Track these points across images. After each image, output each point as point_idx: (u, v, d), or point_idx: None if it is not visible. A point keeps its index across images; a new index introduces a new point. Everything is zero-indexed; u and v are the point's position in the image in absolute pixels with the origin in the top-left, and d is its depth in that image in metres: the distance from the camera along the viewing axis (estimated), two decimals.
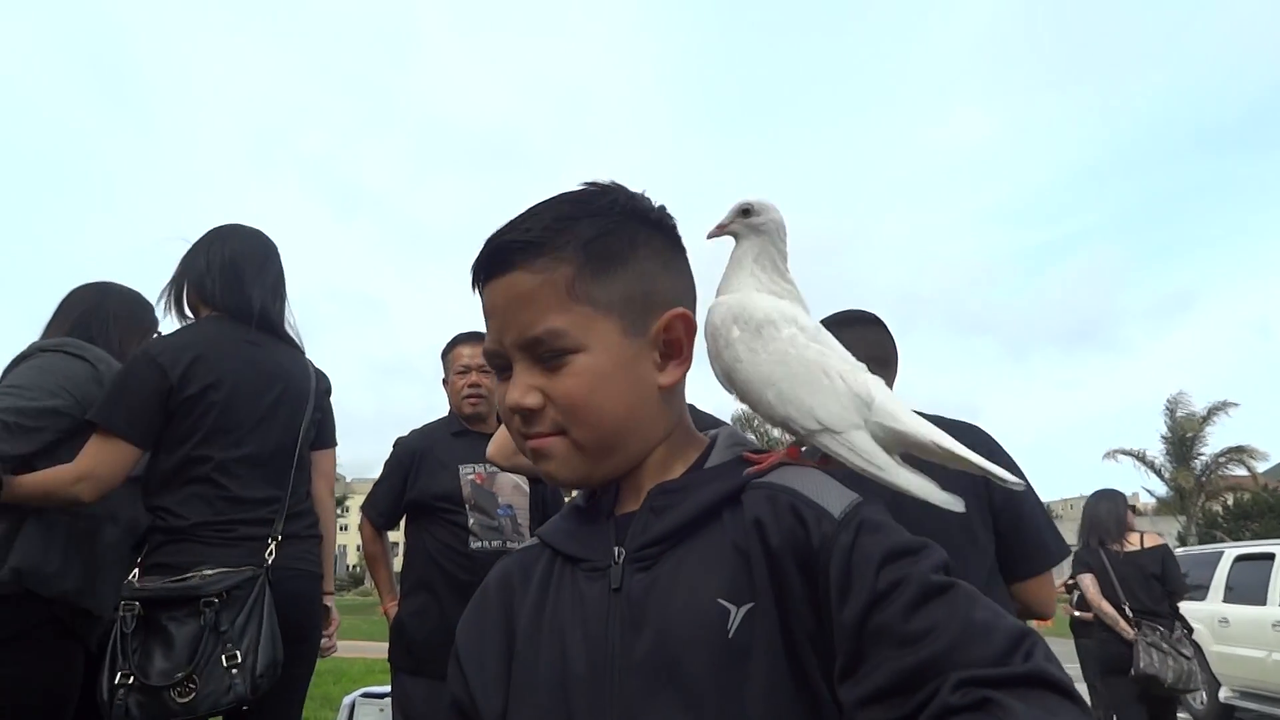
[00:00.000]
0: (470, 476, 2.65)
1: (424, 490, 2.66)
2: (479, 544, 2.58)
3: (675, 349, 0.77)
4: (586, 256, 0.73)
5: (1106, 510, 4.39)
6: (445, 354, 2.86)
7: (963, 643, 0.56)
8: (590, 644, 0.70)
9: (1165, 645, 3.96)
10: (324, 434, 2.19)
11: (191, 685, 1.69)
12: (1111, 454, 32.40)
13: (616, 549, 0.73)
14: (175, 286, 2.07)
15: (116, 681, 1.70)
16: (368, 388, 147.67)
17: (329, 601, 2.19)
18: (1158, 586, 4.13)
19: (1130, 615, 4.09)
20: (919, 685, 0.56)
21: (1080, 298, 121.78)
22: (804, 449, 0.76)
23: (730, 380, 0.79)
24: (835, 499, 0.68)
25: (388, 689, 2.86)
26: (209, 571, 1.79)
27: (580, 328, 0.72)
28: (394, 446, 2.83)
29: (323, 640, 2.17)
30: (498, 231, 0.75)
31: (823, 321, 2.13)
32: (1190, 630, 4.17)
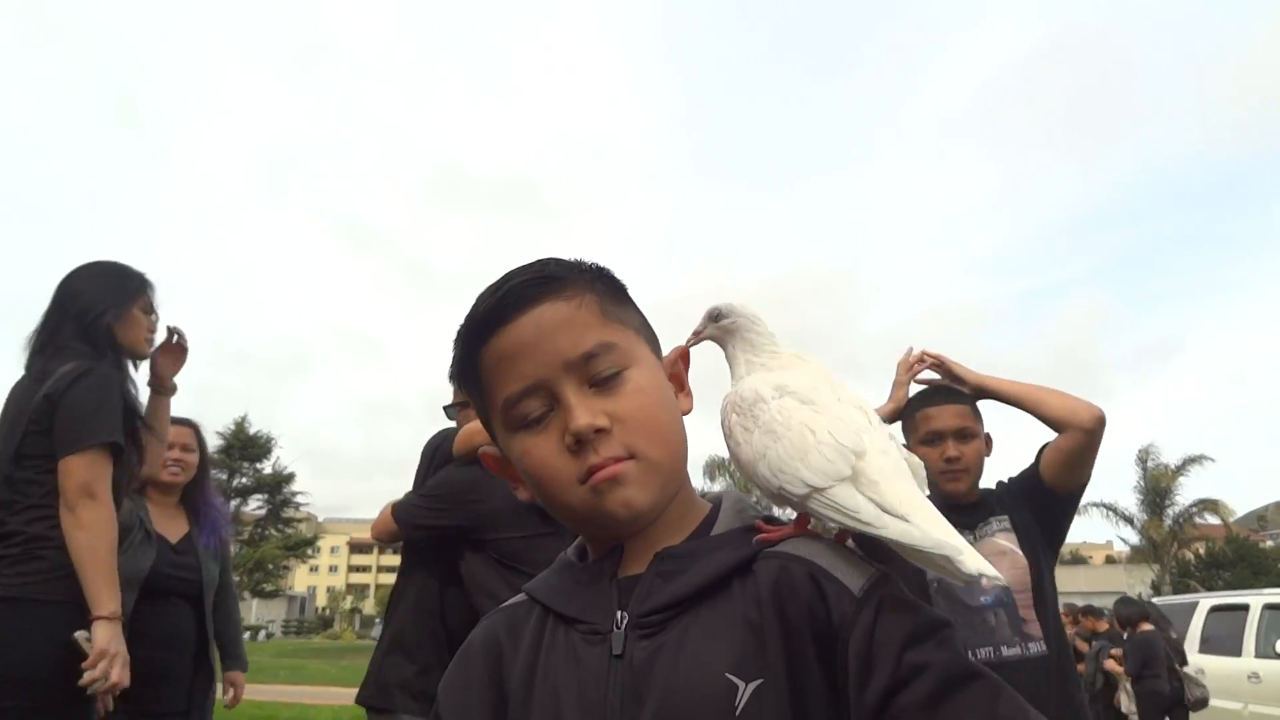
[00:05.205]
0: None
1: None
2: None
3: (678, 382, 0.79)
4: (604, 287, 0.74)
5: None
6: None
7: None
8: (587, 711, 0.66)
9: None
10: (57, 440, 1.92)
11: None
12: (1082, 508, 32.56)
13: (619, 613, 0.69)
14: None
15: None
16: (357, 426, 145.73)
17: (85, 633, 1.80)
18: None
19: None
20: None
21: (1066, 345, 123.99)
22: (811, 523, 0.73)
23: (739, 468, 0.77)
24: (854, 573, 0.66)
25: None
26: None
27: (625, 343, 0.72)
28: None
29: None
30: (501, 280, 0.74)
31: (914, 397, 2.03)
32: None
